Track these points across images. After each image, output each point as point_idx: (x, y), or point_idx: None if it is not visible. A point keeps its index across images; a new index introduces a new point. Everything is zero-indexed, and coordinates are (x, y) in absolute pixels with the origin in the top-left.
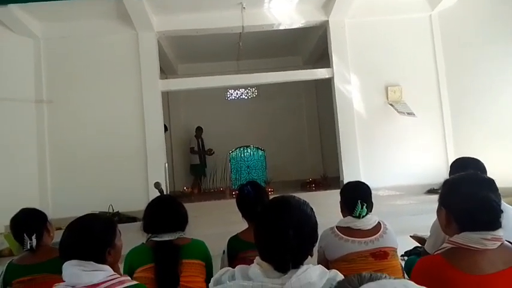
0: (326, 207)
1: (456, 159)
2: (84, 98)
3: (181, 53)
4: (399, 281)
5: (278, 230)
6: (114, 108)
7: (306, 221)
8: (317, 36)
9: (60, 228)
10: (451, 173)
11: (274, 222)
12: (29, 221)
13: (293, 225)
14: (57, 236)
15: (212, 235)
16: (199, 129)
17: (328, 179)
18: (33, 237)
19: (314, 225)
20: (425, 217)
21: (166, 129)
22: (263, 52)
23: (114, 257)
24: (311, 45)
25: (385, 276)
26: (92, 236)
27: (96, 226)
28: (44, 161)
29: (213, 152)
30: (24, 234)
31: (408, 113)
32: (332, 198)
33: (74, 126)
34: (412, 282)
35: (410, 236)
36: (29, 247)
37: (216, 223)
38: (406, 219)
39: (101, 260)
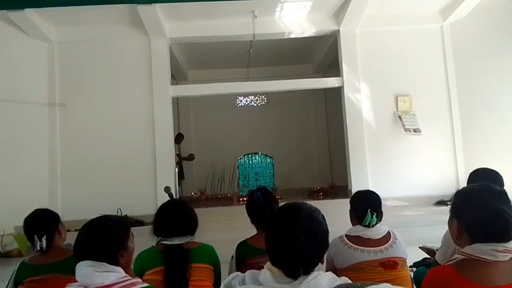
0: (334, 216)
1: (475, 170)
2: (96, 102)
3: (192, 60)
4: None
5: (289, 235)
6: (125, 113)
7: (317, 227)
8: (327, 45)
9: (69, 230)
10: (468, 182)
11: (285, 228)
12: (40, 222)
13: (304, 232)
14: (68, 238)
15: (219, 241)
16: (179, 136)
17: (336, 187)
18: (43, 238)
19: (325, 232)
20: (434, 228)
21: (182, 137)
22: (273, 60)
23: (126, 259)
24: (321, 54)
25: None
26: (107, 237)
27: (110, 228)
28: (54, 163)
29: (194, 158)
30: (35, 235)
31: (415, 130)
32: (340, 207)
33: (85, 129)
34: None
35: (419, 247)
36: (38, 248)
37: (223, 229)
38: (414, 231)
39: (113, 262)
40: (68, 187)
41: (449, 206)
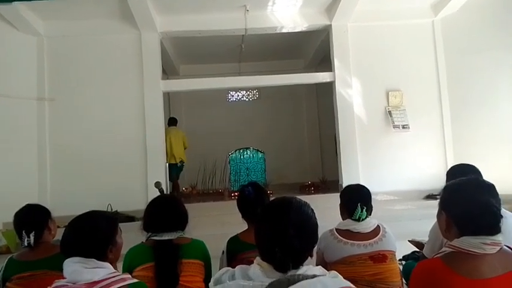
0: (325, 211)
1: (452, 167)
2: (86, 96)
3: (183, 54)
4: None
5: (279, 229)
6: (115, 108)
7: (307, 221)
8: (319, 40)
9: (59, 227)
10: (447, 179)
11: (275, 222)
12: (29, 218)
13: (294, 226)
14: (58, 234)
15: (210, 236)
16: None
17: (327, 182)
18: (32, 234)
19: (315, 226)
20: (423, 222)
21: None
22: (265, 54)
23: (115, 255)
24: (313, 48)
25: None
26: (94, 233)
27: (98, 223)
28: (44, 158)
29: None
30: (23, 231)
31: (403, 127)
32: (331, 201)
33: (74, 124)
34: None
35: (409, 241)
36: (26, 244)
37: (214, 224)
38: (404, 224)
39: (102, 257)
40: (58, 183)
41: (438, 200)
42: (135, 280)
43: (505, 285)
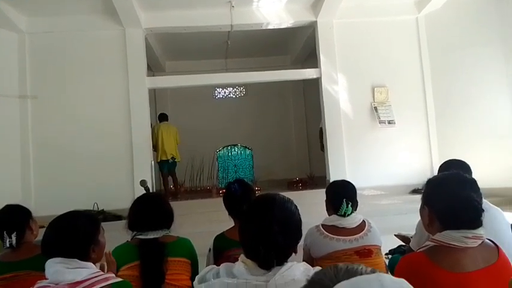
0: (312, 206)
1: (445, 162)
2: (69, 94)
3: (169, 50)
4: (375, 276)
5: (262, 226)
6: (99, 105)
7: (290, 218)
8: (305, 36)
9: (43, 226)
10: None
11: (258, 219)
12: (9, 218)
13: (277, 222)
14: (40, 234)
15: (198, 234)
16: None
17: (314, 178)
18: (13, 234)
19: (298, 222)
20: (409, 217)
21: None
22: (251, 51)
23: (98, 254)
24: (299, 45)
25: (361, 269)
26: (76, 232)
27: (79, 223)
28: (27, 157)
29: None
30: (4, 232)
31: (389, 122)
32: (318, 197)
33: (58, 122)
34: (389, 276)
35: (395, 235)
36: (8, 245)
37: (202, 222)
38: (391, 219)
39: (84, 257)
40: (42, 182)
41: (421, 195)
42: (119, 279)
43: (486, 278)
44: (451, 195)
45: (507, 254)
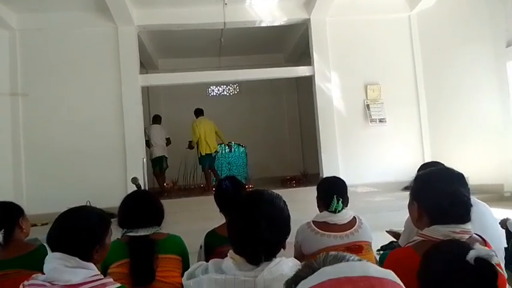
0: (306, 204)
1: (423, 164)
2: (61, 91)
3: (162, 48)
4: (359, 264)
5: (250, 222)
6: (92, 103)
7: (279, 214)
8: (299, 34)
9: (35, 225)
10: None
11: (246, 214)
12: None
13: (265, 218)
14: (34, 233)
15: (191, 231)
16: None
17: (308, 175)
18: (1, 232)
19: (287, 218)
20: (401, 213)
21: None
22: (245, 49)
23: (100, 256)
24: (293, 42)
25: (350, 257)
26: (85, 230)
27: (90, 219)
28: (18, 155)
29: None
30: None
31: (380, 120)
32: (312, 195)
33: (50, 120)
34: (375, 265)
35: (386, 231)
36: None
37: (195, 219)
38: (383, 215)
39: (86, 257)
40: (34, 180)
41: (409, 190)
42: (117, 284)
43: None
44: (440, 190)
45: (495, 249)
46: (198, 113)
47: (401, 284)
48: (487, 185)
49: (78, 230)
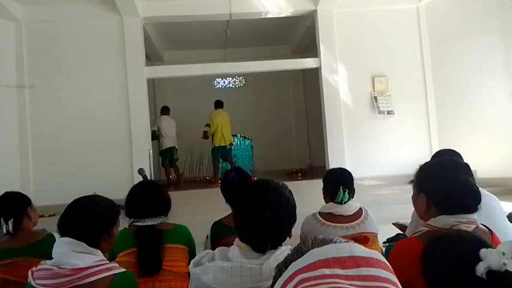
0: (312, 197)
1: (436, 152)
2: (68, 83)
3: (167, 40)
4: (346, 245)
5: (256, 211)
6: (98, 95)
7: (284, 202)
8: (305, 26)
9: (42, 216)
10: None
11: (252, 203)
12: (6, 205)
13: (271, 207)
14: (41, 224)
15: (198, 223)
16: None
17: (314, 168)
18: (10, 221)
19: (292, 207)
20: (408, 206)
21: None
22: (251, 40)
23: (108, 245)
24: (299, 34)
25: (336, 239)
26: (94, 217)
27: (100, 207)
28: (25, 147)
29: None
30: (1, 219)
31: (388, 112)
32: (317, 187)
33: (57, 112)
34: (361, 246)
35: (393, 224)
36: (5, 231)
37: (202, 211)
38: (390, 208)
39: (94, 244)
40: (41, 172)
41: (414, 183)
42: (123, 269)
43: None
44: (448, 180)
45: (502, 241)
46: (218, 104)
47: (386, 261)
48: (495, 179)
49: (88, 217)
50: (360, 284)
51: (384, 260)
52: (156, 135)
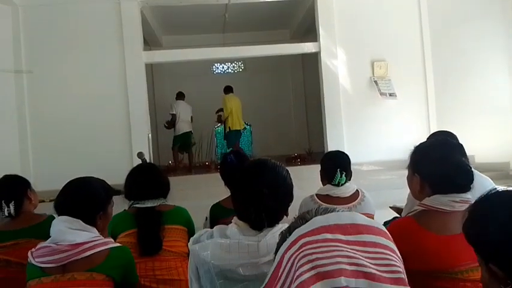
0: (310, 181)
1: (431, 133)
2: (65, 68)
3: (165, 24)
4: (348, 213)
5: (254, 189)
6: (96, 79)
7: (281, 181)
8: (305, 9)
9: (43, 201)
10: None
11: (250, 181)
12: (7, 188)
13: (268, 185)
14: (41, 209)
15: (196, 208)
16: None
17: (313, 154)
18: (11, 204)
19: (289, 186)
20: (406, 191)
21: (183, 96)
22: (250, 25)
23: (103, 223)
24: (298, 18)
25: (339, 209)
26: (88, 195)
27: (93, 186)
28: (25, 132)
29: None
30: (2, 202)
31: (390, 94)
32: (316, 172)
33: (55, 97)
34: (362, 215)
35: (390, 207)
36: (6, 214)
37: (200, 196)
38: (388, 193)
39: (90, 222)
40: (40, 157)
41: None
42: (117, 244)
43: None
44: (442, 160)
45: None
46: (228, 89)
47: (386, 231)
48: (493, 163)
49: (83, 195)
50: (361, 249)
51: (385, 229)
52: (172, 121)
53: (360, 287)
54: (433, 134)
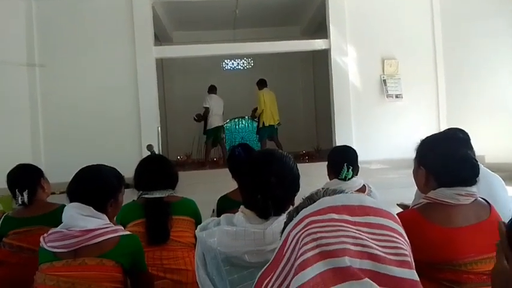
0: (318, 178)
1: (443, 130)
2: (77, 62)
3: (176, 20)
4: (356, 195)
5: (261, 178)
6: (107, 73)
7: (288, 171)
8: (315, 6)
9: (53, 193)
10: None
11: (258, 171)
12: (21, 176)
13: (275, 174)
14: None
15: (205, 201)
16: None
17: (321, 151)
18: (25, 192)
19: (296, 175)
20: (414, 189)
21: (215, 89)
22: (260, 21)
23: (113, 211)
24: (309, 15)
25: (348, 191)
26: (100, 181)
27: (105, 174)
28: (36, 125)
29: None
30: (16, 190)
31: (397, 96)
32: (324, 170)
33: (67, 90)
34: (371, 198)
35: (397, 204)
36: (20, 202)
37: (208, 191)
38: (396, 192)
39: (101, 209)
40: (52, 149)
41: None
42: (127, 232)
43: (476, 233)
44: (448, 153)
45: (500, 214)
46: (262, 83)
47: (395, 215)
48: (504, 164)
49: (95, 183)
50: (367, 231)
51: (393, 213)
52: (204, 115)
53: (364, 268)
54: (444, 130)
